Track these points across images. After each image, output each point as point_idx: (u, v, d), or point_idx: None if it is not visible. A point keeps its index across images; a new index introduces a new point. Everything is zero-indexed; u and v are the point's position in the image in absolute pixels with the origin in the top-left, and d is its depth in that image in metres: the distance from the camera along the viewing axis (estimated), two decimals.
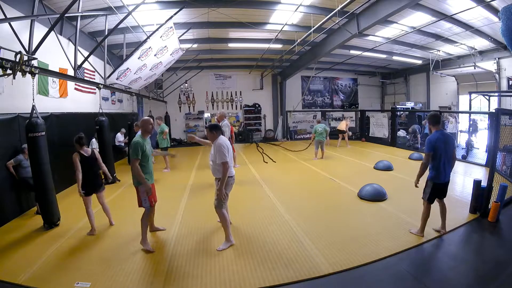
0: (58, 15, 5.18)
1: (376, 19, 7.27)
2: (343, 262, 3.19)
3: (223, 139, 3.63)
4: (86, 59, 6.03)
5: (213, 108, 16.47)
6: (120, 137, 9.62)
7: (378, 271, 3.08)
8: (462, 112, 12.31)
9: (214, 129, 3.64)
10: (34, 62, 4.63)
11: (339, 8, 6.49)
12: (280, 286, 2.85)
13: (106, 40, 6.90)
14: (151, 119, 3.88)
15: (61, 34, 6.77)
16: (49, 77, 6.29)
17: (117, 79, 7.76)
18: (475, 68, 11.47)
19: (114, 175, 7.14)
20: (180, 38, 8.65)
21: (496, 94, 11.01)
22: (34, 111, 4.25)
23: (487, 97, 10.98)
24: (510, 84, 10.89)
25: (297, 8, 7.33)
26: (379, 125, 13.91)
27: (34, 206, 4.97)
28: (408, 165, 8.49)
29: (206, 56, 12.80)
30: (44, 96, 6.21)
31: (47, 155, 4.38)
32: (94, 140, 7.41)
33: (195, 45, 10.50)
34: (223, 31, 9.97)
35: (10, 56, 4.11)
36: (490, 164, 4.77)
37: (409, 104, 15.64)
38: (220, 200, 3.59)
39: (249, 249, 3.57)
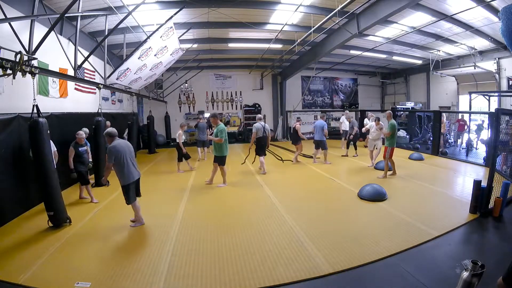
0: (58, 15, 5.18)
1: (376, 19, 7.27)
2: (343, 262, 3.19)
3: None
4: (86, 59, 6.03)
5: (213, 108, 16.48)
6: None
7: (378, 271, 3.08)
8: (462, 112, 12.32)
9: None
10: (34, 62, 4.63)
11: (339, 8, 6.49)
12: (280, 286, 2.85)
13: (106, 40, 6.90)
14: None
15: (61, 34, 6.77)
16: (49, 77, 6.29)
17: (117, 79, 7.76)
18: (475, 68, 11.48)
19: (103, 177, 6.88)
20: (180, 38, 8.64)
21: (496, 94, 11.02)
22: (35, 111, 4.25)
23: (487, 97, 10.99)
24: (510, 84, 10.89)
25: (297, 8, 7.34)
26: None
27: (35, 206, 5.04)
28: (408, 165, 8.50)
29: (206, 56, 12.80)
30: (44, 96, 6.21)
31: (51, 153, 4.39)
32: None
33: (195, 45, 10.50)
34: (223, 31, 9.97)
35: (10, 56, 4.11)
36: (490, 164, 4.77)
37: (409, 104, 15.65)
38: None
39: (249, 249, 3.57)
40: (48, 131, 4.25)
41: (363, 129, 9.16)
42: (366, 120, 12.05)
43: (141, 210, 4.43)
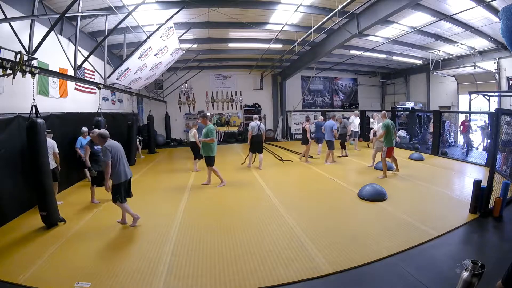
0: (58, 15, 5.18)
1: (376, 19, 7.27)
2: (343, 262, 3.19)
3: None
4: (86, 59, 6.03)
5: (213, 108, 16.49)
6: None
7: (378, 271, 3.08)
8: (462, 112, 12.31)
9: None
10: (34, 62, 4.63)
11: (339, 8, 6.48)
12: (280, 286, 2.86)
13: (106, 40, 6.90)
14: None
15: (61, 34, 6.77)
16: (49, 77, 6.28)
17: (117, 79, 7.76)
18: (475, 68, 11.47)
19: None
20: (180, 38, 8.65)
21: (496, 94, 11.01)
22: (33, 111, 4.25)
23: (487, 97, 10.99)
24: (510, 84, 10.88)
25: (297, 8, 7.33)
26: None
27: (35, 205, 5.01)
28: (408, 165, 8.50)
29: (206, 56, 12.80)
30: (44, 96, 6.21)
31: (47, 154, 4.39)
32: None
33: (195, 45, 10.50)
34: (223, 31, 9.97)
35: (10, 56, 4.11)
36: (490, 164, 4.77)
37: (409, 104, 15.64)
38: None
39: (249, 249, 3.57)
40: (46, 132, 4.25)
41: (371, 132, 9.11)
42: (371, 120, 11.88)
43: (141, 209, 4.43)
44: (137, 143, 10.93)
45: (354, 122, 11.34)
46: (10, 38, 4.41)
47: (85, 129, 6.65)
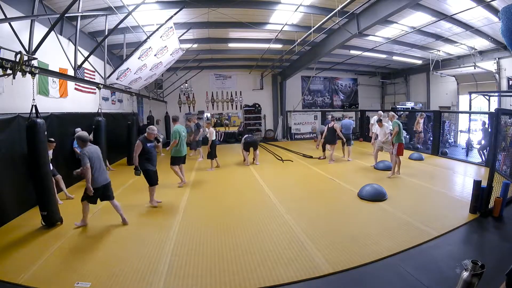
0: (58, 15, 5.18)
1: (376, 19, 7.27)
2: (343, 262, 3.19)
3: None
4: (86, 59, 6.03)
5: (213, 108, 16.48)
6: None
7: (378, 271, 3.08)
8: (462, 112, 12.31)
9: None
10: (34, 62, 4.63)
11: (339, 8, 6.48)
12: (280, 286, 2.86)
13: (106, 40, 6.90)
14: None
15: (61, 34, 6.77)
16: (49, 77, 6.29)
17: (117, 79, 7.76)
18: (475, 68, 11.46)
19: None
20: (180, 38, 8.64)
21: (496, 94, 11.01)
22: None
23: (487, 97, 10.99)
24: (510, 84, 10.88)
25: (297, 8, 7.33)
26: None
27: (35, 205, 5.00)
28: (408, 165, 8.49)
29: (206, 56, 12.79)
30: (44, 96, 6.22)
31: (47, 154, 4.39)
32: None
33: (195, 45, 10.50)
34: (223, 31, 9.97)
35: (10, 56, 4.11)
36: (490, 164, 4.77)
37: (409, 104, 15.63)
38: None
39: (249, 249, 3.57)
40: (46, 132, 4.27)
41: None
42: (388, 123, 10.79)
43: (142, 209, 4.43)
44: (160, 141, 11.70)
45: (376, 124, 9.92)
46: (10, 38, 4.41)
47: (78, 129, 6.71)
